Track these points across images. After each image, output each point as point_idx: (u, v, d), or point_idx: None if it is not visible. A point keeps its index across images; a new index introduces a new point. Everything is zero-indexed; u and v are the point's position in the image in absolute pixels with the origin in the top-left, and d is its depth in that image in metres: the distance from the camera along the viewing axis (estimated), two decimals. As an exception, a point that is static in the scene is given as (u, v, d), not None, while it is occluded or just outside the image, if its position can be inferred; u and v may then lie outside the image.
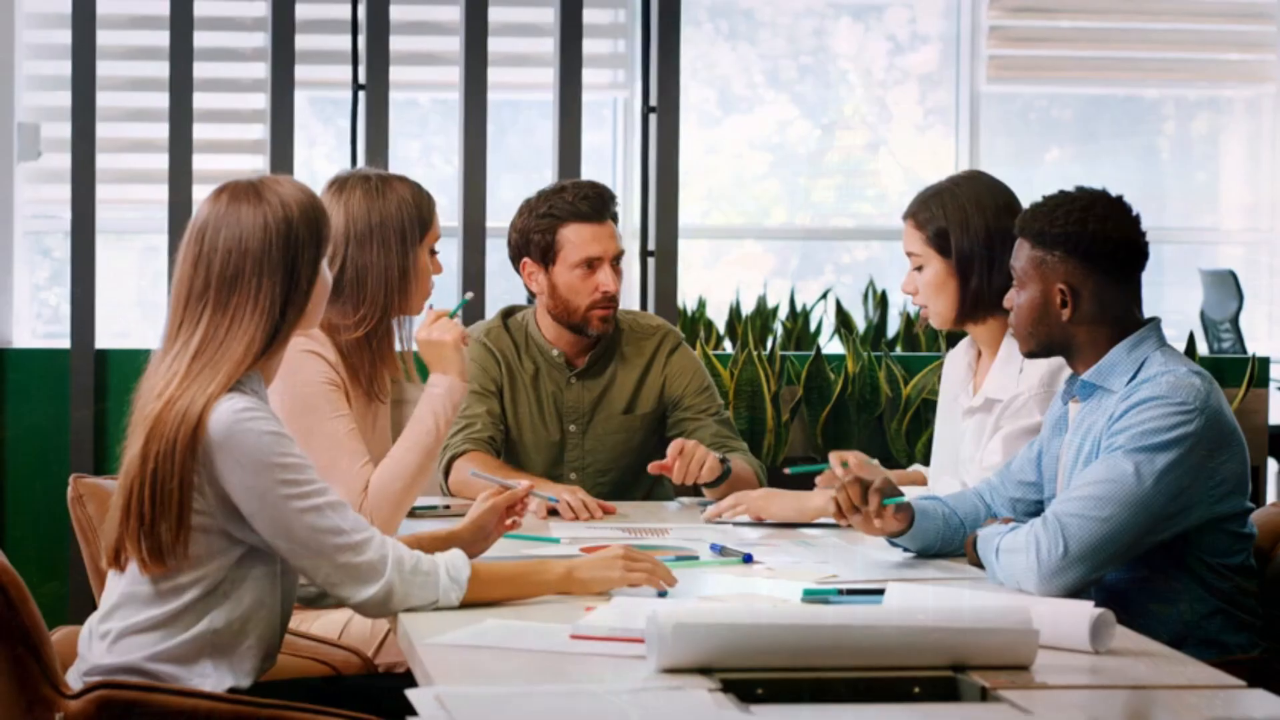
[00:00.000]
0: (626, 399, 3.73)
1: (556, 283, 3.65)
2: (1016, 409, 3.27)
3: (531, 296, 3.77)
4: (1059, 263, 2.82)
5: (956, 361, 3.47)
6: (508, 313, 3.81)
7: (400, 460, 3.07)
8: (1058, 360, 3.20)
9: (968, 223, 3.28)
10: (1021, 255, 2.86)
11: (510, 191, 5.60)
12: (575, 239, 3.62)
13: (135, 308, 5.66)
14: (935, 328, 3.42)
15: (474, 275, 4.77)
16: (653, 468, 3.46)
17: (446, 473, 3.60)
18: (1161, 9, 5.75)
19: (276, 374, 2.58)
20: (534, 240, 3.65)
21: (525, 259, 3.68)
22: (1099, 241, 2.81)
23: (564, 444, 3.71)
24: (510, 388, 3.70)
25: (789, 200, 6.57)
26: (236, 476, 2.42)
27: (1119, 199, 2.86)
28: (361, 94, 4.78)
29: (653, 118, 4.83)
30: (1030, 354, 2.93)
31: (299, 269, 2.50)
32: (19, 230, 5.09)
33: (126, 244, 5.76)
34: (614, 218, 3.67)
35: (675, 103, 4.83)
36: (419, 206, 3.23)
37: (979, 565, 2.83)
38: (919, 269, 3.32)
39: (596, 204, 3.63)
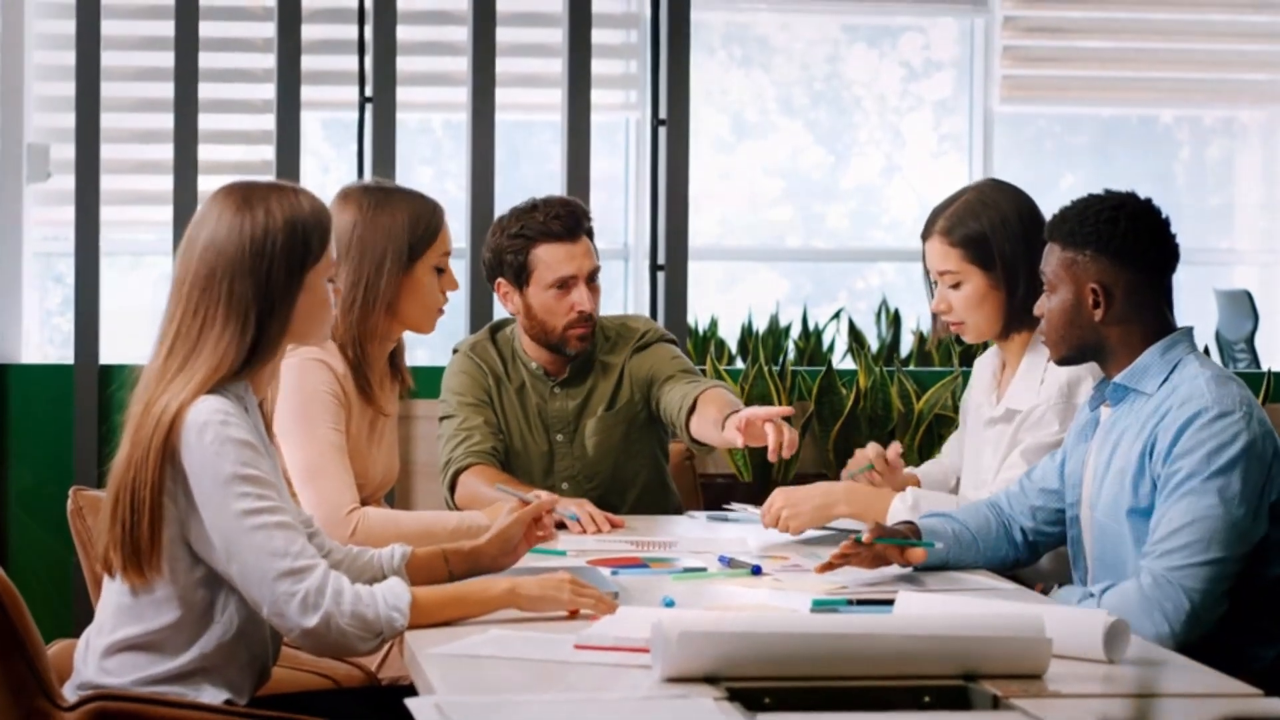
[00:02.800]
0: (607, 401, 3.69)
1: (532, 304, 3.60)
2: (1035, 421, 3.21)
3: None
4: (1090, 262, 2.78)
5: (982, 372, 3.42)
6: (495, 327, 3.77)
7: (400, 522, 3.11)
8: (1079, 371, 3.15)
9: (1005, 228, 3.22)
10: (1052, 259, 2.82)
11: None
12: (548, 259, 3.56)
13: (150, 331, 5.63)
14: (970, 341, 3.36)
15: (481, 296, 4.75)
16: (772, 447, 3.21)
17: (452, 488, 3.56)
18: (1176, 30, 5.72)
19: (275, 382, 2.54)
20: (507, 261, 3.60)
21: (499, 279, 3.63)
22: (1130, 239, 2.77)
23: (553, 454, 3.67)
24: (499, 400, 3.67)
25: (803, 226, 6.55)
26: (198, 482, 2.38)
27: (1148, 200, 2.83)
28: (368, 107, 4.77)
29: (662, 130, 4.81)
30: (1063, 360, 2.88)
31: (273, 280, 2.44)
32: (28, 251, 5.08)
33: (144, 267, 5.74)
34: (589, 234, 3.62)
35: (685, 116, 4.81)
36: (416, 222, 3.19)
37: None
38: (955, 286, 3.24)
39: (569, 222, 3.56)
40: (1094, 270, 2.78)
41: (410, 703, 2.06)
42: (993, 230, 3.21)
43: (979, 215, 3.22)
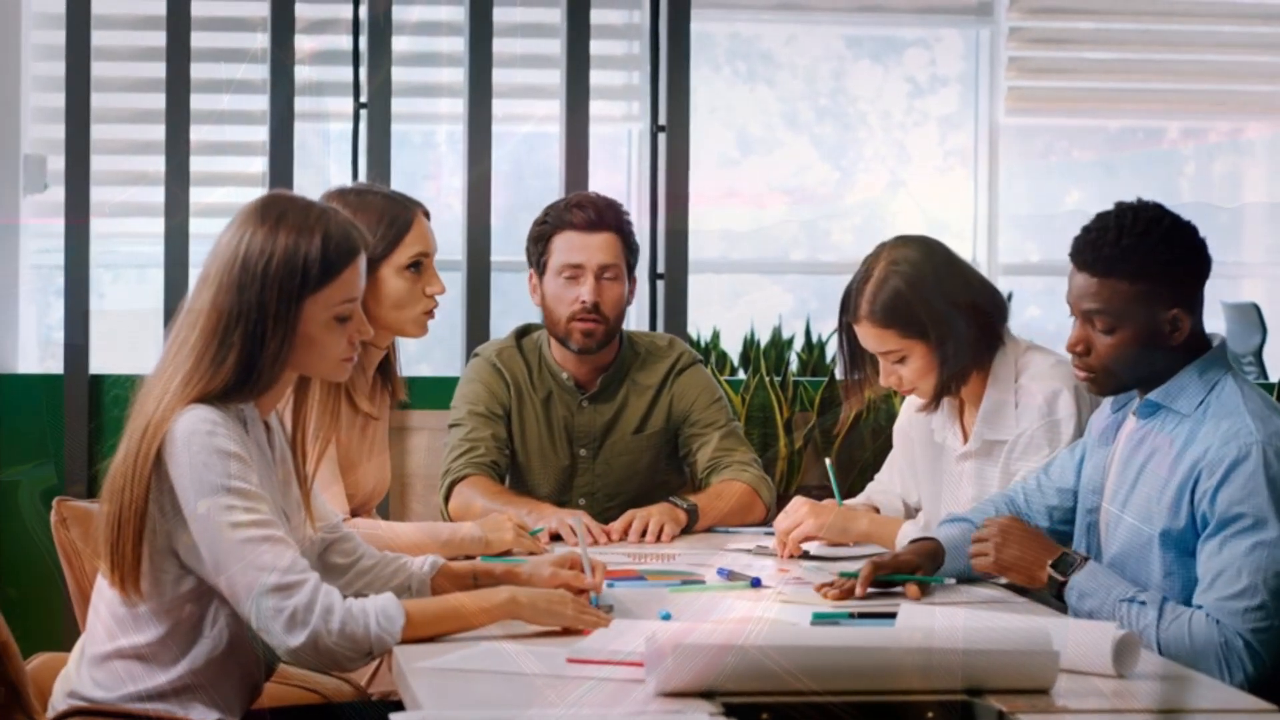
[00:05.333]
0: (637, 422, 3.65)
1: (545, 291, 3.58)
2: (1024, 449, 3.15)
3: None
4: (1169, 288, 2.64)
5: (937, 412, 3.32)
6: (522, 332, 3.73)
7: (389, 533, 3.06)
8: (1053, 386, 3.09)
9: (924, 287, 3.13)
10: (1111, 294, 2.65)
11: (526, 230, 5.52)
12: (561, 246, 3.55)
13: (147, 342, 5.59)
14: (925, 400, 3.26)
15: (478, 309, 4.69)
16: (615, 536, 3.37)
17: (447, 498, 3.50)
18: (1183, 41, 5.68)
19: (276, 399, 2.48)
20: (532, 251, 3.61)
21: (531, 270, 3.62)
22: (1193, 254, 2.66)
23: (574, 469, 3.62)
24: (518, 411, 3.61)
25: (808, 242, 6.51)
26: (184, 493, 2.32)
27: (1161, 205, 2.73)
28: (363, 113, 4.72)
29: (662, 137, 4.76)
30: (1114, 393, 2.77)
31: (264, 303, 2.35)
32: (25, 264, 5.03)
33: (148, 281, 5.70)
34: (618, 231, 3.58)
35: (685, 121, 4.76)
36: (379, 222, 3.10)
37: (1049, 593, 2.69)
38: (900, 361, 3.16)
39: (589, 213, 3.55)
40: (1172, 296, 2.64)
41: (395, 717, 2.00)
42: (915, 295, 3.13)
43: (899, 286, 3.13)
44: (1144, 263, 2.64)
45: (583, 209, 3.55)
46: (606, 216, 3.56)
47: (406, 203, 3.19)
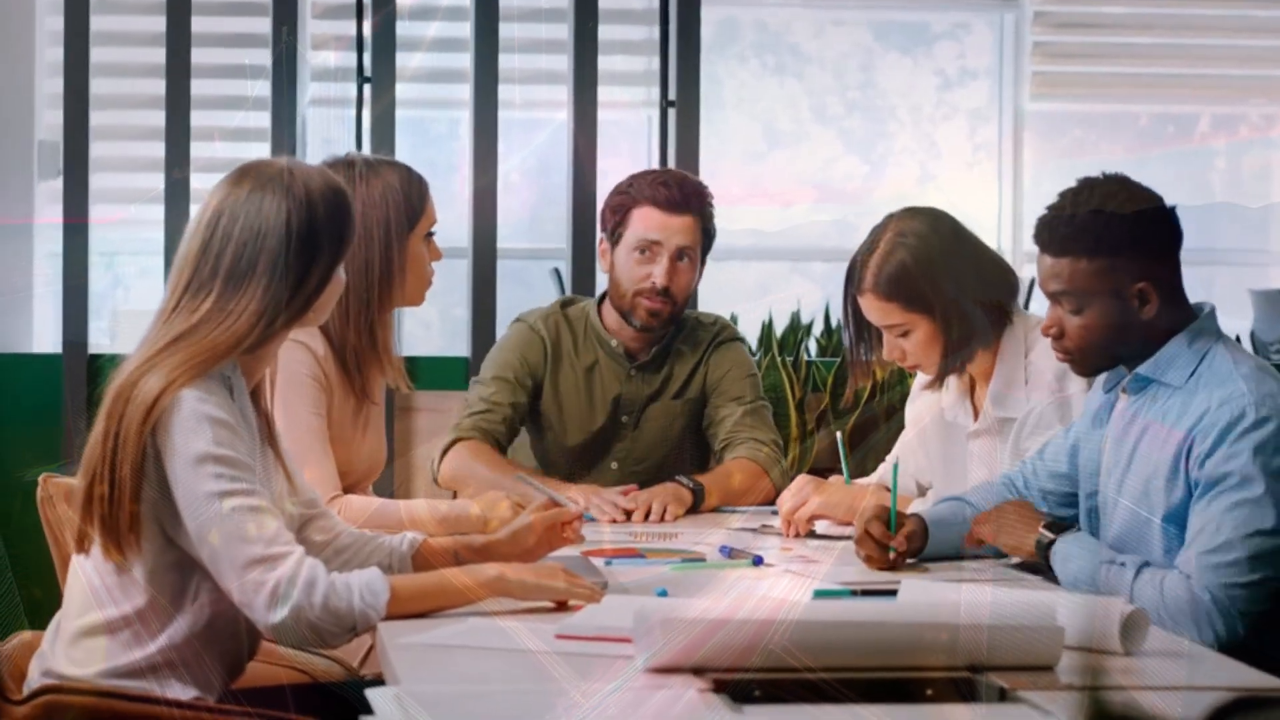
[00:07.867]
0: (677, 389, 3.64)
1: (616, 262, 3.57)
2: (1034, 425, 3.09)
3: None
4: (1130, 262, 2.57)
5: (947, 390, 3.25)
6: (566, 302, 3.72)
7: (384, 511, 3.01)
8: (1060, 365, 3.02)
9: (931, 262, 3.06)
10: (1071, 273, 2.60)
11: (551, 225, 5.46)
12: (641, 221, 3.52)
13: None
14: (930, 376, 3.19)
15: (484, 298, 4.63)
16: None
17: (445, 452, 3.45)
18: (1211, 25, 5.59)
19: (274, 365, 2.42)
20: (608, 217, 3.59)
21: (601, 236, 3.61)
22: (1156, 225, 2.59)
23: (613, 434, 3.59)
24: (554, 376, 3.59)
25: (837, 236, 6.45)
26: (170, 460, 2.26)
27: (1123, 178, 2.65)
28: (367, 87, 4.69)
29: (672, 112, 4.70)
30: (1095, 372, 2.71)
31: (313, 271, 2.34)
32: (40, 250, 5.00)
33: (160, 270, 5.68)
34: (700, 215, 3.54)
35: (696, 96, 4.72)
36: (407, 194, 3.07)
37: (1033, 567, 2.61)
38: (904, 335, 3.10)
39: (675, 192, 3.52)
40: (1135, 269, 2.58)
41: (370, 693, 1.93)
42: (921, 269, 3.06)
43: (904, 259, 3.06)
44: (1099, 238, 2.57)
45: (669, 187, 3.53)
46: (692, 200, 3.54)
47: (419, 177, 3.16)
